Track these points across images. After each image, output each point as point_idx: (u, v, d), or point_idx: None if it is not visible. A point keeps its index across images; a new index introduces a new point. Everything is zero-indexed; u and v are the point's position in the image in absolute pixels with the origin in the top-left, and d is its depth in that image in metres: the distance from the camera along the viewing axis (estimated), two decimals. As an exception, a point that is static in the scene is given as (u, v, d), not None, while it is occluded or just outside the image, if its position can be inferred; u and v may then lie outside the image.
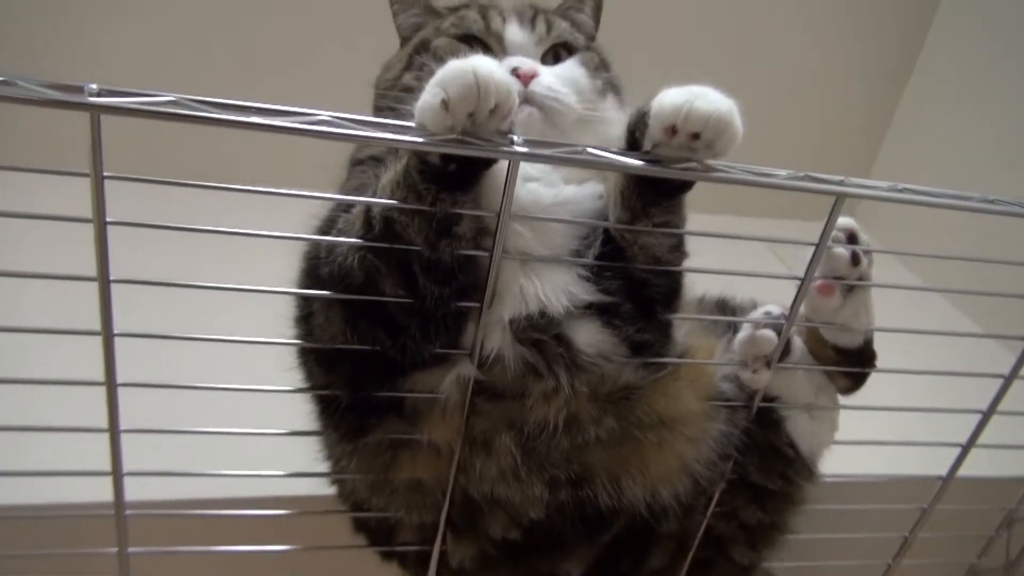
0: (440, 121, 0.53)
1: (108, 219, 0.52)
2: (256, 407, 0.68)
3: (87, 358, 0.59)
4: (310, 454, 0.76)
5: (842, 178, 0.63)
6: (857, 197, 0.63)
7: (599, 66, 0.75)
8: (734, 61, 1.77)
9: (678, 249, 0.69)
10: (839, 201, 0.64)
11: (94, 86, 0.47)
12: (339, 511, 0.77)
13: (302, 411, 0.72)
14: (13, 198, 0.56)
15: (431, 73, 0.56)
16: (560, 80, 0.69)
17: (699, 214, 0.69)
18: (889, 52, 1.86)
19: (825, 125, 1.91)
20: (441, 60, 0.67)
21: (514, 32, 0.72)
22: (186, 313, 0.74)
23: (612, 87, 0.76)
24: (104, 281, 0.54)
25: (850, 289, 0.74)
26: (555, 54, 0.74)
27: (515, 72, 0.67)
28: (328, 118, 0.52)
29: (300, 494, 0.75)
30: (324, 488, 0.78)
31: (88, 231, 0.52)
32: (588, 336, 0.66)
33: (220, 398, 0.64)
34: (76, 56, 1.46)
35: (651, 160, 0.59)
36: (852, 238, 0.73)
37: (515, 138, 0.55)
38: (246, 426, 0.67)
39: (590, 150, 0.56)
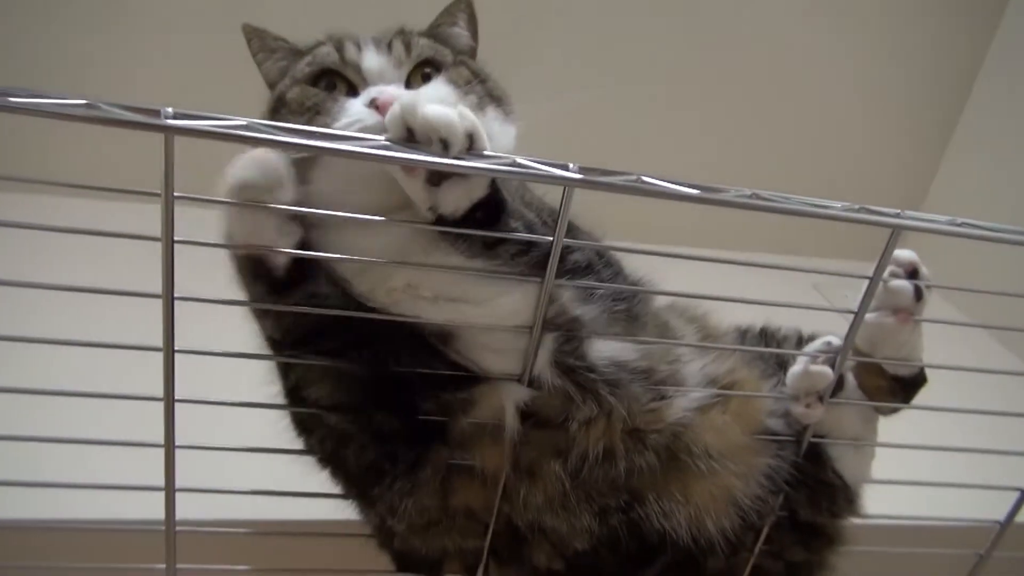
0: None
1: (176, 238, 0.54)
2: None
3: (127, 374, 0.60)
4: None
5: (898, 211, 0.62)
6: (915, 230, 0.62)
7: (471, 80, 0.71)
8: (786, 93, 1.78)
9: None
10: (895, 234, 0.64)
11: (170, 109, 0.49)
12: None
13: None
14: (64, 215, 0.59)
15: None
16: None
17: (742, 250, 0.69)
18: (941, 86, 1.85)
19: (877, 158, 1.90)
20: (298, 114, 0.66)
21: (371, 59, 0.68)
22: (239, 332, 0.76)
23: (491, 99, 0.72)
24: (169, 299, 0.56)
25: (912, 321, 0.74)
26: (423, 75, 0.70)
27: (373, 103, 0.63)
28: (387, 143, 0.53)
29: (351, 518, 0.75)
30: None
31: (143, 248, 0.54)
32: (598, 348, 0.67)
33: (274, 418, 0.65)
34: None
35: (705, 188, 0.59)
36: (914, 273, 0.72)
37: (571, 164, 0.56)
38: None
39: (645, 179, 0.57)
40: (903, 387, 0.77)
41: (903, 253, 0.72)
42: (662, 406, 0.69)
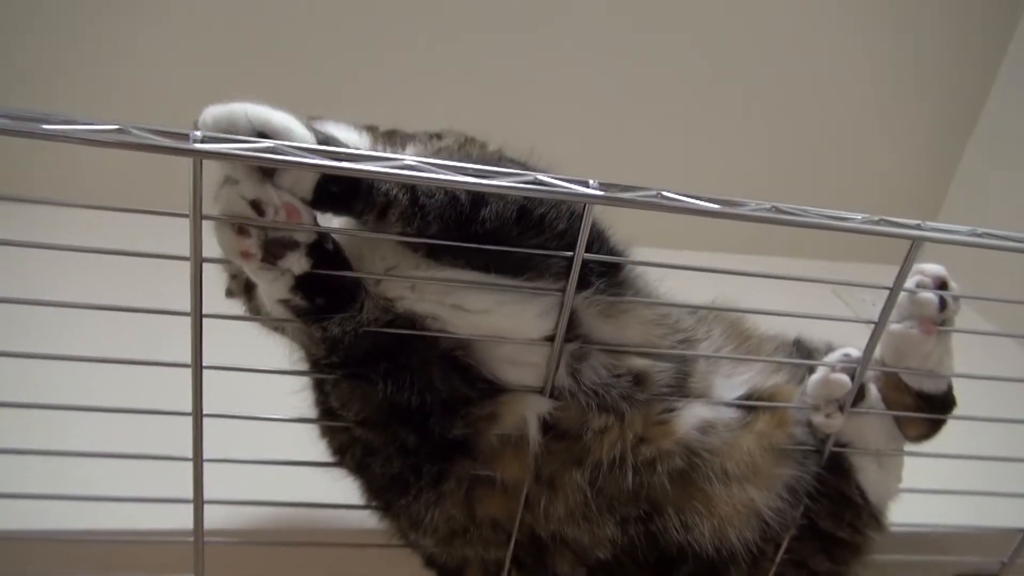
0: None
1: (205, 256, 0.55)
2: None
3: (154, 383, 0.61)
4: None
5: (919, 222, 0.62)
6: (935, 242, 0.62)
7: None
8: (801, 100, 1.77)
9: None
10: (915, 246, 0.64)
11: (198, 133, 0.50)
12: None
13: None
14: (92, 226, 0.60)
15: None
16: None
17: (762, 254, 0.68)
18: (957, 94, 1.84)
19: (893, 166, 1.88)
20: None
21: None
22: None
23: None
24: (197, 316, 0.57)
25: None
26: None
27: None
28: (413, 162, 0.54)
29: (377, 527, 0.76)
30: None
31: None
32: (586, 367, 0.66)
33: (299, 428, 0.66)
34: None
35: (725, 202, 0.59)
36: (943, 286, 0.72)
37: (591, 181, 0.56)
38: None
39: (665, 194, 0.57)
40: (930, 406, 0.77)
41: (932, 267, 0.73)
42: (671, 418, 0.69)
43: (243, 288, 0.70)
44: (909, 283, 0.72)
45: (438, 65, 1.58)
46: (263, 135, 0.52)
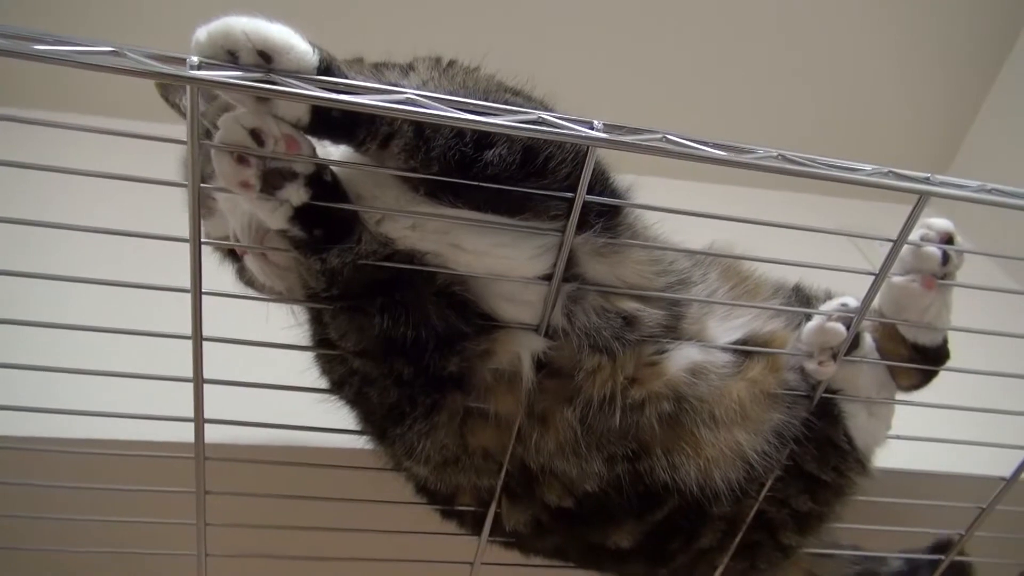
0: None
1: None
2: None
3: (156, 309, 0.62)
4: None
5: (927, 175, 0.61)
6: (943, 196, 0.61)
7: None
8: (817, 44, 1.71)
9: None
10: (922, 199, 0.62)
11: (195, 59, 0.49)
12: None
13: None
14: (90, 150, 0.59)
15: None
16: None
17: (771, 189, 0.67)
18: (978, 46, 1.77)
19: (908, 116, 1.84)
20: None
21: None
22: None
23: None
24: (196, 243, 0.57)
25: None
26: None
27: None
28: (413, 96, 0.52)
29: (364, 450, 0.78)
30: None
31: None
32: (580, 308, 0.67)
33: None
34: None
35: (732, 148, 0.58)
36: (949, 241, 0.71)
37: (595, 123, 0.55)
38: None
39: (671, 137, 0.56)
40: (925, 358, 0.77)
41: (939, 222, 0.72)
42: (662, 359, 0.70)
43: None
44: (914, 236, 0.72)
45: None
46: (262, 52, 0.50)
